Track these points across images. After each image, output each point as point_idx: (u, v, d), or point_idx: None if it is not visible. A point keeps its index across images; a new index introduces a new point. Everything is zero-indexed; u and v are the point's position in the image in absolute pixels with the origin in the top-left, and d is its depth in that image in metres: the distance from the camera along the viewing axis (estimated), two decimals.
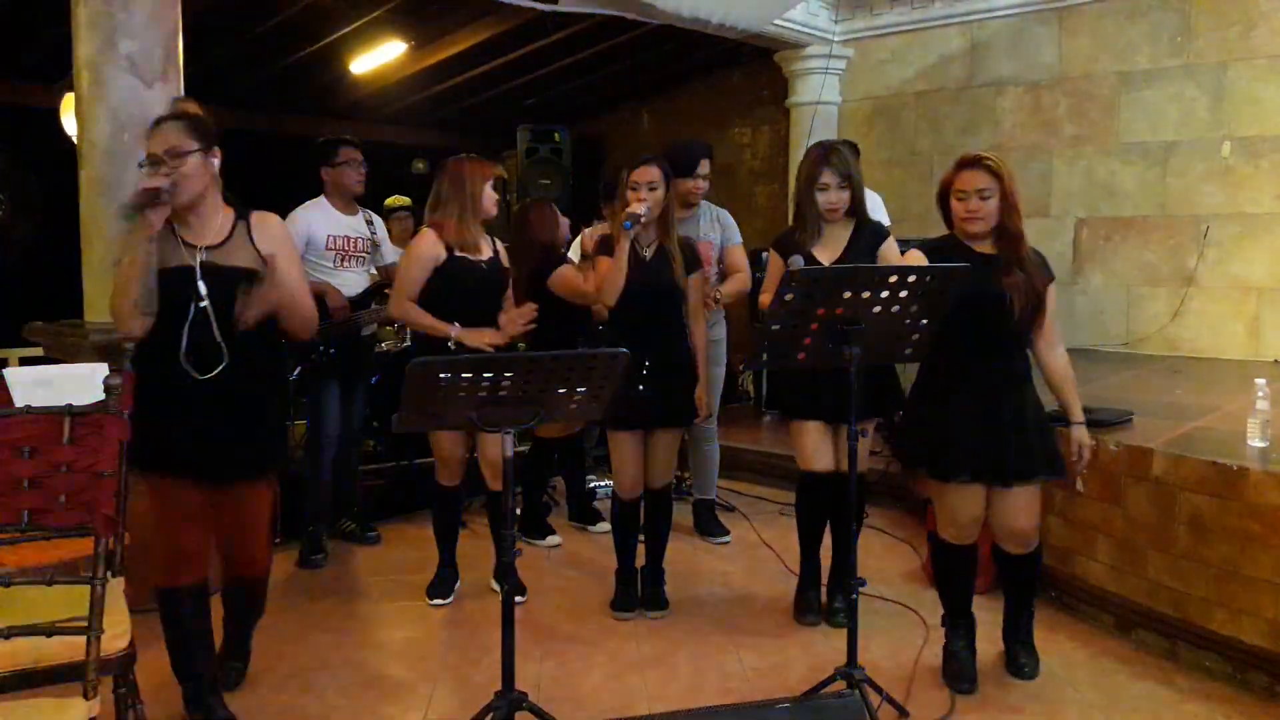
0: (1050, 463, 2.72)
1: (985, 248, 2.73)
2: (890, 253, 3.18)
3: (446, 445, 3.42)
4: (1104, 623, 3.20)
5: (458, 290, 3.31)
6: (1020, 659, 2.88)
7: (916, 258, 2.73)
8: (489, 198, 3.34)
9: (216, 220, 2.43)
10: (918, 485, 4.31)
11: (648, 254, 3.24)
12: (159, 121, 2.41)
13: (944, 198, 2.77)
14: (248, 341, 2.40)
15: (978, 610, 2.93)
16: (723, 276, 4.09)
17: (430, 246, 3.30)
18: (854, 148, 5.48)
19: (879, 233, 3.23)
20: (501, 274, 3.44)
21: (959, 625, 2.89)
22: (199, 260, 2.37)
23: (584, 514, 4.46)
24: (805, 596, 3.34)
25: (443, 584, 3.52)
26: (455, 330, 3.27)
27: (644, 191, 3.17)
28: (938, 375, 2.78)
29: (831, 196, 3.09)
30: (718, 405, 4.32)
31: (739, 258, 4.11)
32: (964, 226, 2.73)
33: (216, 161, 2.42)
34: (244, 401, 2.45)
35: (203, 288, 2.35)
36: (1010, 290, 2.64)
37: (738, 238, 4.17)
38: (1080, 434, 2.79)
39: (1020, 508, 2.73)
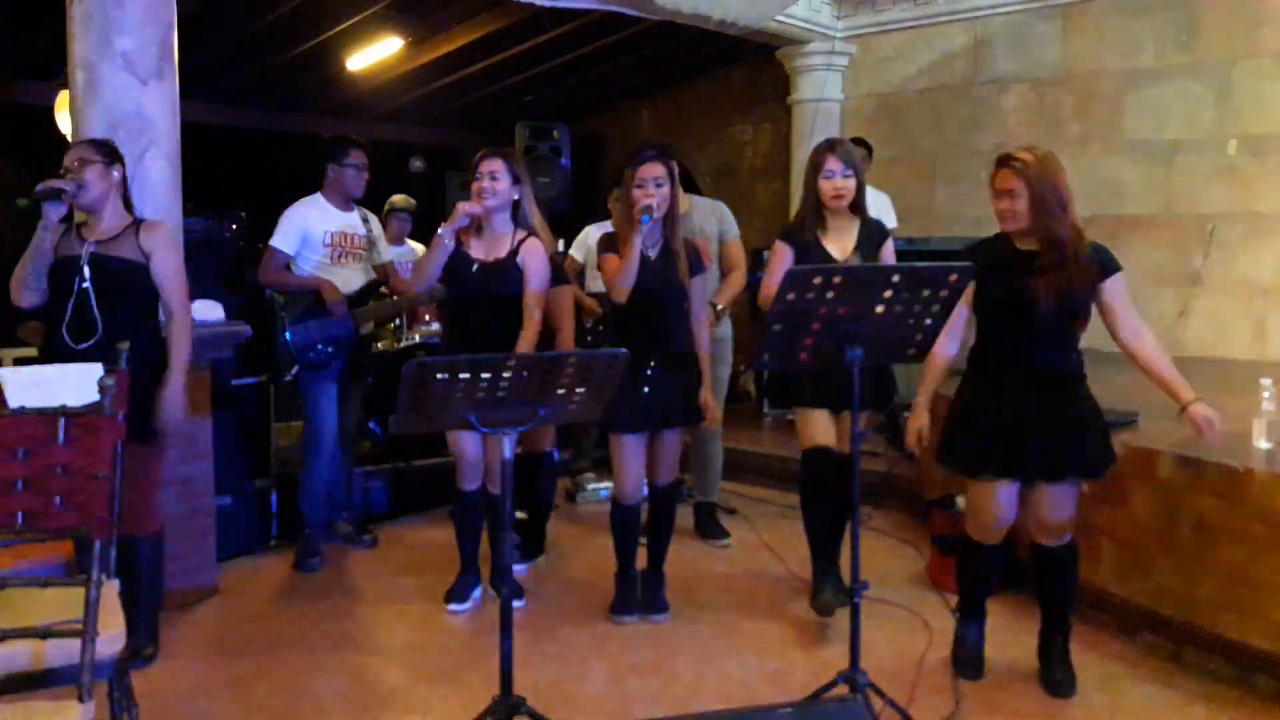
0: (1085, 464, 2.66)
1: (1031, 244, 2.68)
2: (887, 256, 3.26)
3: (466, 447, 3.36)
4: (1109, 625, 3.17)
5: (449, 284, 3.30)
6: (1057, 676, 2.78)
7: None
8: (474, 189, 3.24)
9: (113, 222, 2.90)
10: (923, 487, 4.29)
11: (652, 253, 3.21)
12: (74, 145, 2.96)
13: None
14: (123, 321, 2.81)
15: (988, 615, 2.92)
16: (722, 267, 4.07)
17: (440, 234, 3.27)
18: (867, 147, 5.48)
19: (881, 233, 3.31)
20: (499, 277, 3.27)
21: (971, 617, 2.90)
22: (86, 250, 2.84)
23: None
24: (821, 593, 3.26)
25: (461, 590, 3.46)
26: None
27: (650, 187, 3.14)
28: (975, 373, 2.77)
29: (837, 183, 3.13)
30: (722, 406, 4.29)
31: (736, 252, 4.08)
32: (1001, 225, 2.71)
33: (117, 174, 2.91)
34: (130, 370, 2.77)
35: (86, 271, 2.82)
36: (1037, 290, 2.58)
37: (735, 230, 4.13)
38: (1196, 410, 2.56)
39: (1049, 504, 2.70)
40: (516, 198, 3.32)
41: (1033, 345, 2.65)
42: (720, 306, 3.99)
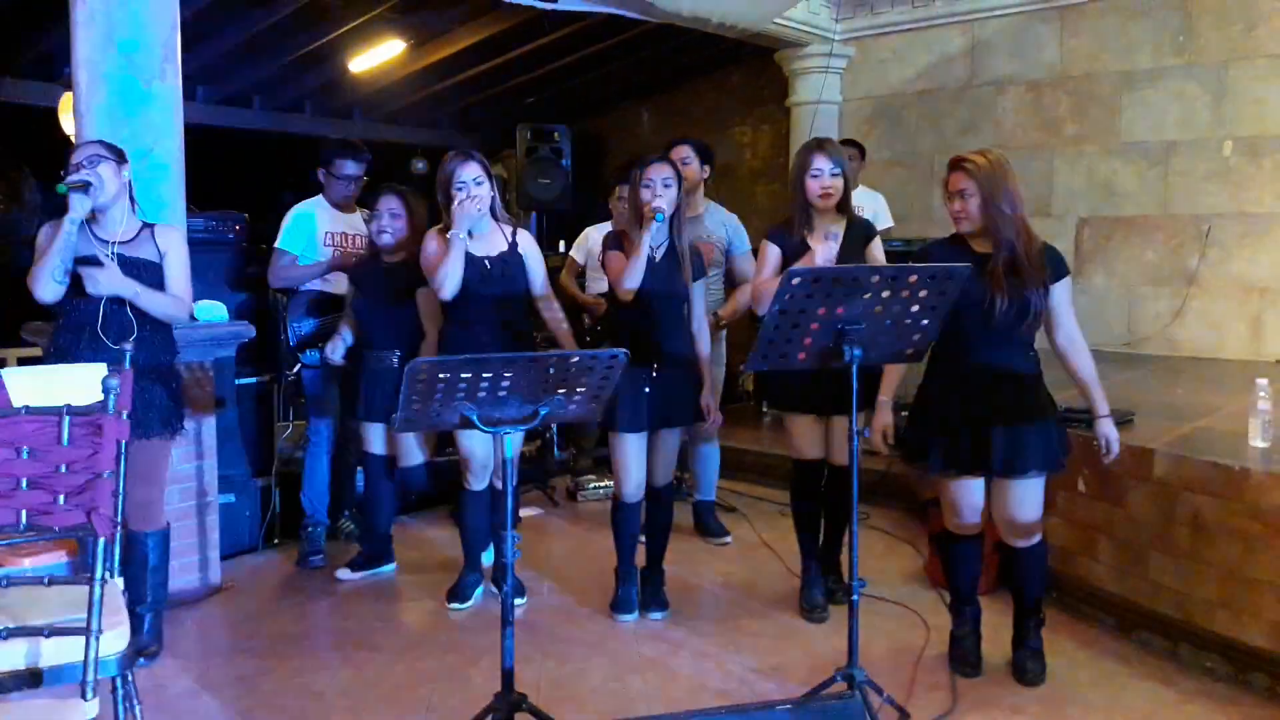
0: (1046, 458, 2.71)
1: (985, 246, 2.73)
2: (876, 253, 3.27)
3: (474, 447, 3.34)
4: (1105, 624, 3.19)
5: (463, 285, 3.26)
6: (1026, 664, 2.83)
7: None
8: (458, 200, 3.18)
9: (126, 223, 2.94)
10: (919, 486, 4.31)
11: (657, 255, 3.22)
12: (82, 144, 2.97)
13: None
14: (154, 319, 2.90)
15: (983, 611, 2.94)
16: (729, 280, 4.09)
17: (430, 242, 3.27)
18: (860, 149, 5.50)
19: (868, 232, 3.32)
20: (510, 269, 3.30)
21: (964, 612, 2.93)
22: (114, 251, 2.86)
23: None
24: (810, 594, 3.34)
25: (465, 589, 3.47)
26: None
27: (659, 188, 3.15)
28: (935, 372, 2.81)
29: (825, 181, 3.14)
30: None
31: (746, 269, 4.09)
32: (955, 226, 2.79)
33: (126, 175, 2.92)
34: (149, 369, 2.86)
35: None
36: (995, 292, 2.64)
37: (746, 246, 4.14)
38: (1103, 428, 2.75)
39: (1015, 501, 2.73)
40: (493, 194, 3.33)
41: (992, 345, 2.70)
42: (724, 321, 4.02)
